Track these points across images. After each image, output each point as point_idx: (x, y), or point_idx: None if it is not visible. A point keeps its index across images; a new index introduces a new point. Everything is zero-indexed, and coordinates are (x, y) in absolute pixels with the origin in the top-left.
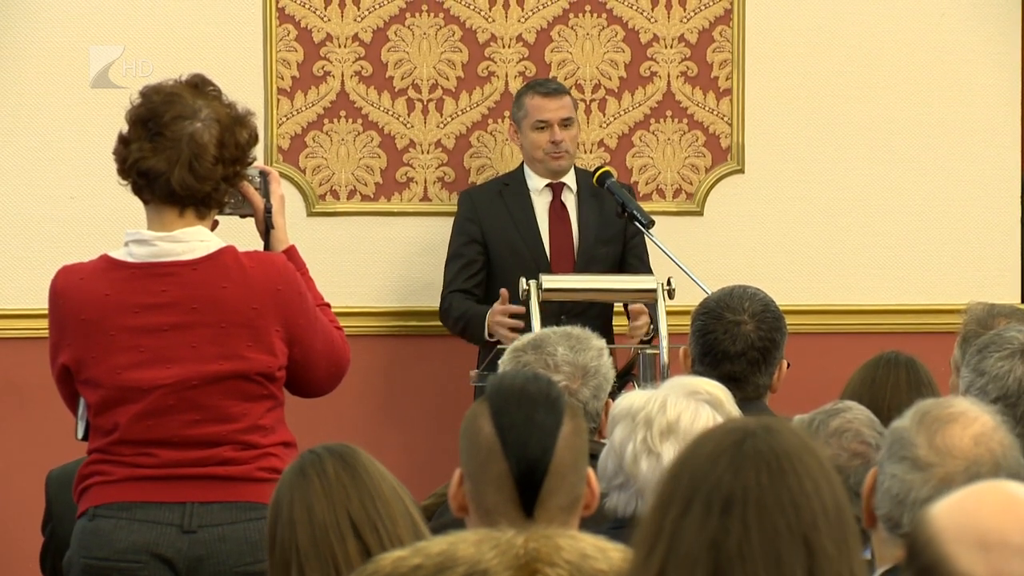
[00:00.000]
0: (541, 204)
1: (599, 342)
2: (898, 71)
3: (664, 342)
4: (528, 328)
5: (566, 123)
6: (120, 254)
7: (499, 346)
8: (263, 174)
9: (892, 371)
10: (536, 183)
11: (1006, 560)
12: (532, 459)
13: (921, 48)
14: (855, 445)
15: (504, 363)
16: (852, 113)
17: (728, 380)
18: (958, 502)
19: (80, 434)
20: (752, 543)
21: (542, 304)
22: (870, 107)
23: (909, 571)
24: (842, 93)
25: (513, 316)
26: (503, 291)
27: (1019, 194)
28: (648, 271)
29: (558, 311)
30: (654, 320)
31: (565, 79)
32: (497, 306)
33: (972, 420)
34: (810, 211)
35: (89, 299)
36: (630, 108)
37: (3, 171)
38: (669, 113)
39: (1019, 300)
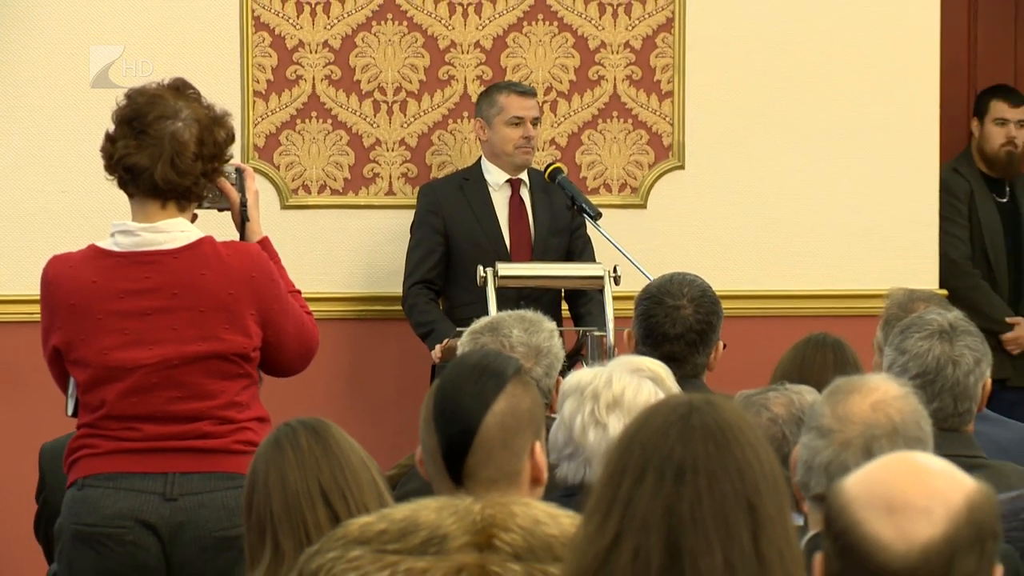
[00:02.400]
0: (501, 199)
1: (550, 324)
2: (825, 75)
3: (610, 325)
4: (486, 312)
5: (535, 122)
6: (107, 244)
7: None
8: (239, 171)
9: (820, 351)
10: (495, 178)
11: (910, 521)
12: (454, 433)
13: (845, 53)
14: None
15: (463, 344)
16: (784, 113)
17: (668, 359)
18: (867, 472)
19: (70, 410)
20: (703, 508)
21: (503, 291)
22: (800, 108)
23: (827, 537)
24: (775, 95)
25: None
26: (452, 342)
27: (937, 188)
28: (591, 258)
29: (516, 297)
30: (601, 305)
31: (522, 82)
32: (439, 347)
33: (873, 390)
34: (745, 204)
35: (78, 285)
36: (579, 109)
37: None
38: (615, 114)
39: (937, 286)
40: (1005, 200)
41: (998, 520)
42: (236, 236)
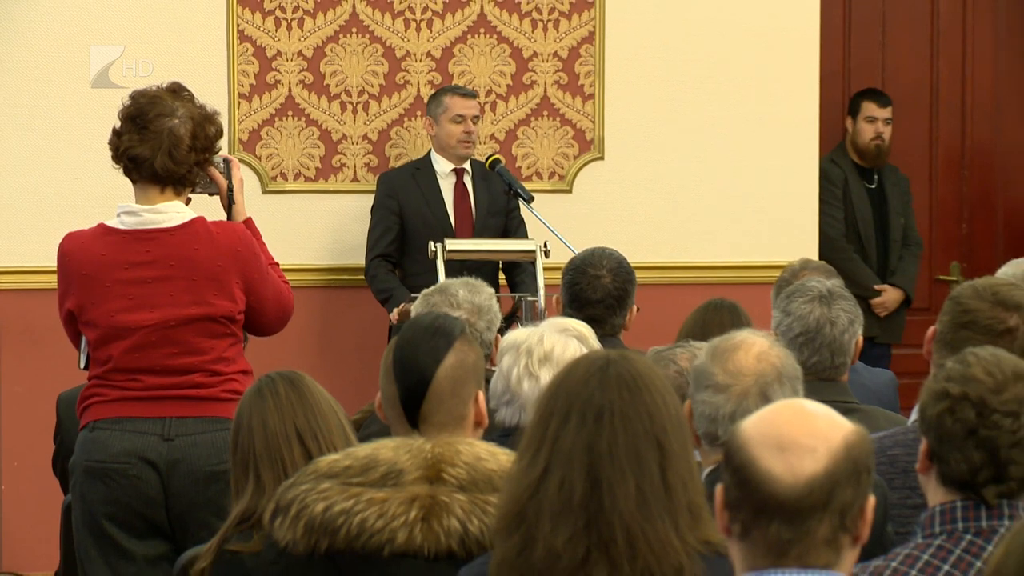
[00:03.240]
0: (447, 185)
1: (490, 289)
2: (722, 80)
3: (541, 291)
4: (436, 280)
5: (475, 119)
6: (113, 223)
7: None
8: (226, 161)
9: (718, 314)
10: (443, 168)
11: (798, 458)
12: (411, 383)
13: (739, 61)
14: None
15: (416, 304)
16: (688, 112)
17: (591, 320)
18: (760, 416)
19: (82, 364)
20: (619, 444)
21: (450, 262)
22: (702, 108)
23: (726, 471)
24: (680, 96)
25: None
26: (407, 306)
27: (817, 175)
28: (524, 235)
29: (460, 267)
30: (533, 275)
31: (465, 86)
32: (396, 311)
33: (751, 344)
34: (656, 190)
35: (89, 258)
36: (515, 109)
37: (22, 157)
38: (545, 113)
39: (816, 258)
40: (874, 186)
41: (871, 456)
42: (224, 216)
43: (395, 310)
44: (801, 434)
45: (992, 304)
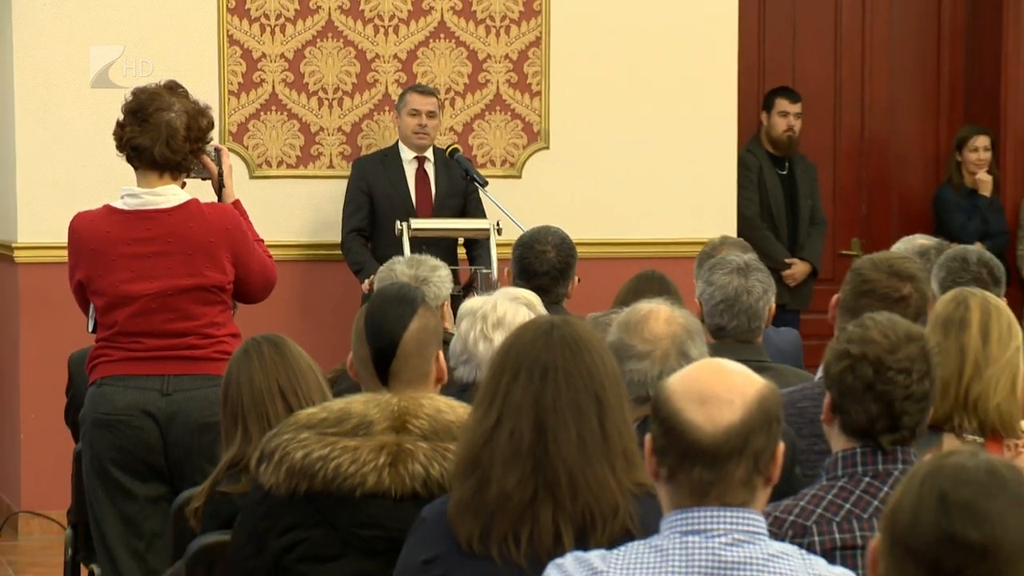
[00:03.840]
0: (411, 171)
1: (434, 262)
2: (652, 79)
3: (495, 264)
4: (402, 253)
5: (431, 115)
6: (118, 204)
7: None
8: (217, 150)
9: (649, 283)
10: (407, 155)
11: (717, 409)
12: (382, 345)
13: (668, 62)
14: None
15: (381, 271)
16: (623, 108)
17: (537, 290)
18: (683, 374)
19: (90, 328)
20: (562, 398)
21: (413, 238)
22: (636, 104)
23: (654, 422)
24: (616, 93)
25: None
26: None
27: (735, 163)
28: (480, 215)
29: (422, 243)
30: (488, 250)
31: (426, 85)
32: (367, 281)
33: (658, 312)
34: (595, 175)
35: (96, 235)
36: (471, 105)
37: (37, 149)
38: (498, 108)
39: (735, 233)
40: (785, 173)
41: (780, 408)
42: (215, 199)
43: (367, 280)
44: (720, 389)
45: (888, 275)
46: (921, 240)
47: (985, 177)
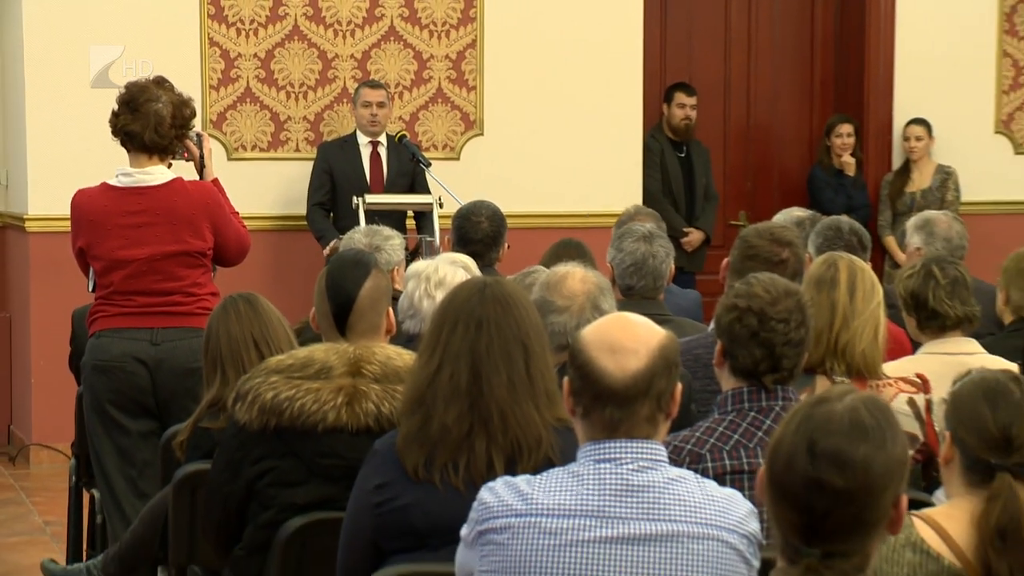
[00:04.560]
0: (366, 154)
1: (388, 232)
2: (572, 76)
3: (437, 234)
4: (358, 224)
5: (381, 105)
6: (113, 182)
7: (340, 237)
8: (199, 135)
9: (568, 249)
10: (363, 140)
11: (625, 357)
12: (341, 302)
13: (586, 61)
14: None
15: (344, 240)
16: (546, 99)
17: (473, 255)
18: (595, 326)
19: (90, 288)
20: (494, 346)
21: (368, 212)
22: (555, 95)
23: (571, 368)
24: (540, 87)
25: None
26: (336, 243)
27: (641, 147)
28: (425, 191)
29: (374, 215)
30: (431, 221)
31: (376, 80)
32: (328, 247)
33: (573, 273)
34: (522, 157)
35: (94, 208)
36: (417, 97)
37: (45, 134)
38: (439, 100)
39: (642, 203)
40: (683, 155)
41: (678, 354)
42: (198, 177)
43: (328, 247)
44: (627, 339)
45: (770, 242)
46: (797, 212)
47: (849, 159)
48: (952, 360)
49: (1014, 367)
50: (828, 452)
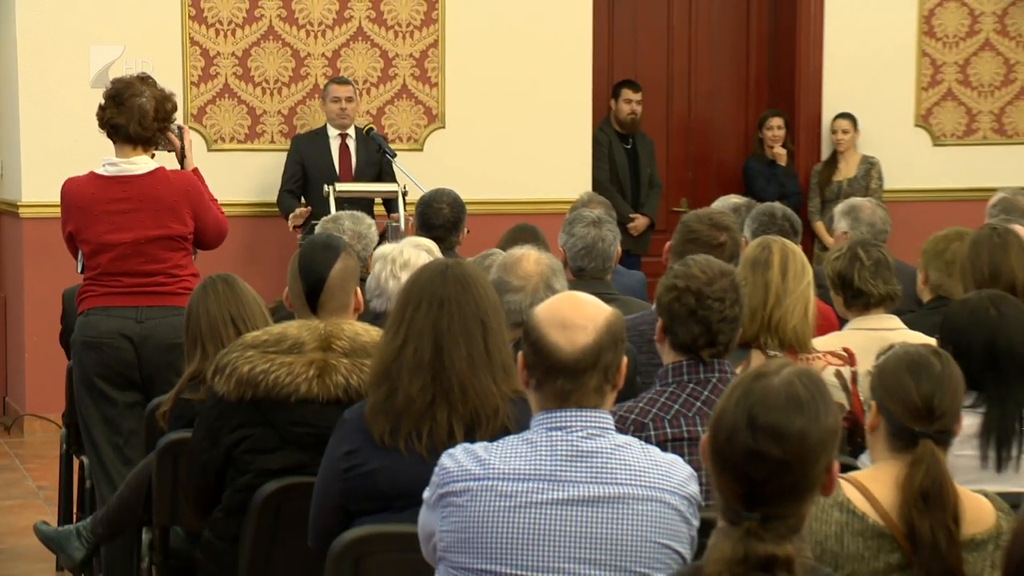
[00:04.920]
0: (335, 145)
1: (369, 220)
2: (527, 75)
3: (402, 219)
4: (329, 212)
5: (349, 99)
6: (100, 170)
7: (313, 222)
8: (180, 128)
9: (523, 233)
10: (332, 133)
11: (575, 333)
12: (312, 281)
13: (540, 60)
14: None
15: (318, 227)
16: (504, 94)
17: (435, 239)
18: (547, 304)
19: (79, 269)
20: (455, 323)
21: (338, 199)
22: (512, 91)
23: (525, 343)
24: (498, 84)
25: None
26: (300, 210)
27: (591, 140)
28: (392, 180)
29: (344, 202)
30: (397, 207)
31: (345, 76)
32: (292, 216)
33: (528, 255)
34: (481, 149)
35: (83, 195)
36: (384, 93)
37: (38, 127)
38: (404, 96)
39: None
40: (629, 147)
41: (624, 330)
42: (179, 167)
43: (291, 216)
44: (576, 316)
45: (709, 227)
46: (734, 199)
47: (780, 151)
48: (876, 335)
49: (933, 342)
50: (767, 426)
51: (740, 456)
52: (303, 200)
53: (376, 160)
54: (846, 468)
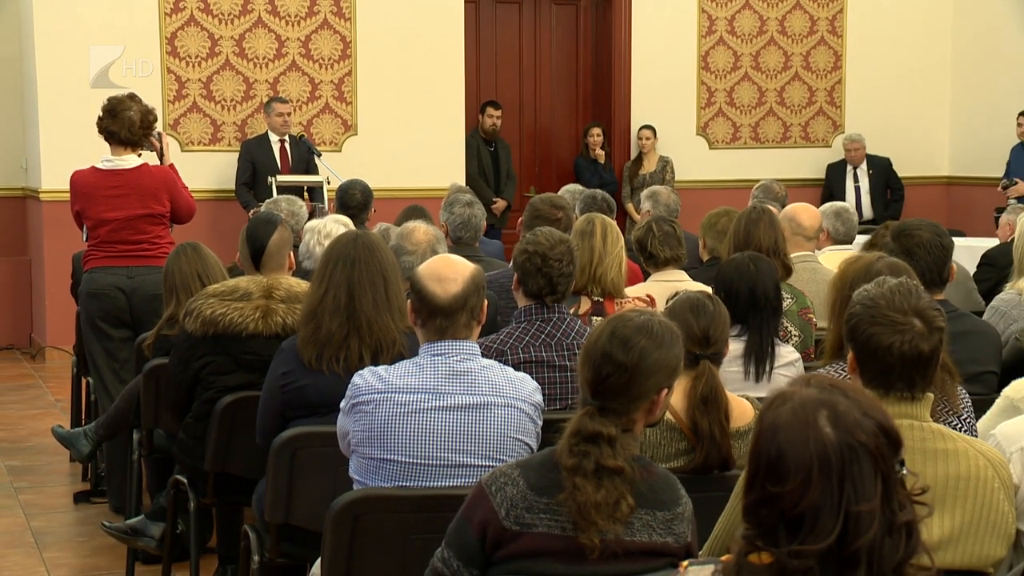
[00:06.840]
0: (276, 148)
1: (301, 202)
2: (415, 91)
3: (326, 202)
4: (270, 196)
5: (288, 114)
6: (99, 165)
7: (259, 204)
8: (160, 134)
9: (414, 212)
10: (274, 138)
11: (448, 284)
12: (257, 247)
13: (423, 79)
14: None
15: (263, 207)
16: (399, 112)
17: (351, 216)
18: (428, 263)
19: (84, 239)
20: (363, 277)
21: (280, 187)
22: (406, 107)
23: (413, 292)
24: (396, 100)
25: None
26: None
27: (464, 145)
28: (317, 172)
29: (283, 190)
30: (323, 194)
31: (283, 97)
32: (250, 213)
33: (418, 227)
34: (384, 149)
35: (86, 183)
36: (312, 110)
37: (56, 128)
38: (327, 111)
39: (464, 183)
40: (492, 150)
41: (485, 281)
42: (159, 163)
43: (251, 211)
44: (449, 272)
45: (550, 207)
46: (569, 187)
47: (600, 152)
48: (668, 285)
49: (709, 289)
50: (620, 336)
51: (597, 355)
52: (253, 192)
53: (306, 158)
54: None
